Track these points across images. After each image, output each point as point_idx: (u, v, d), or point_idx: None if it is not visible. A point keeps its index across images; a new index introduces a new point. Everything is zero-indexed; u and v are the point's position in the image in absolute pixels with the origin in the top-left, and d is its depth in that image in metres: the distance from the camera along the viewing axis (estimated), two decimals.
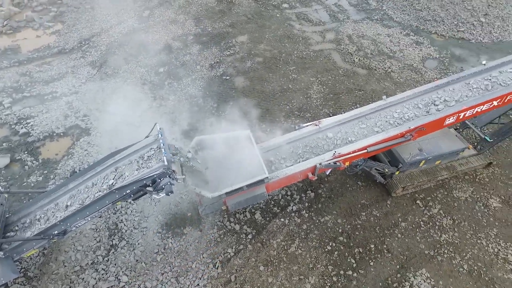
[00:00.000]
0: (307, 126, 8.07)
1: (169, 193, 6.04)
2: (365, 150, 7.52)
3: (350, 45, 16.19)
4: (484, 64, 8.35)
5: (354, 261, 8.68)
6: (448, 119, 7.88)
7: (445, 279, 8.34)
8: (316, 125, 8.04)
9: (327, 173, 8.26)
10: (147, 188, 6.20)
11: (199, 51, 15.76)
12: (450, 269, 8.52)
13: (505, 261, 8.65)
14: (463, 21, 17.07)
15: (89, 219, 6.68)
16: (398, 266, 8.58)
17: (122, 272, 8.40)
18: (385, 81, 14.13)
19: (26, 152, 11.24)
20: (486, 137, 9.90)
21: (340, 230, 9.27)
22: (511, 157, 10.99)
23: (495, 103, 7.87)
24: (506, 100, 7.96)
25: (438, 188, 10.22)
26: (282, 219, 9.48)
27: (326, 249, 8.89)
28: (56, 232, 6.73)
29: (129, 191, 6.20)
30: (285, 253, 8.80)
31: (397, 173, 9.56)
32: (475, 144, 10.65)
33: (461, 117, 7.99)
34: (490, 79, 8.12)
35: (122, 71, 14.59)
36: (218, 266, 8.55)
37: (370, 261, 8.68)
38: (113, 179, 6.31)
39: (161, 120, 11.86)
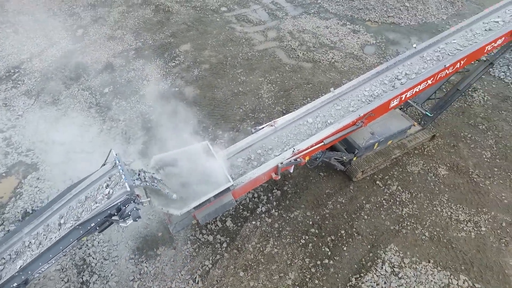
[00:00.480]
0: (263, 127, 8.21)
1: (137, 219, 5.86)
2: (322, 143, 7.83)
3: (293, 41, 16.66)
4: (415, 47, 9.05)
5: (328, 249, 9.02)
6: (392, 102, 8.45)
7: (411, 249, 8.96)
8: (271, 125, 8.21)
9: (291, 171, 8.46)
10: (113, 218, 5.95)
11: (143, 65, 15.30)
12: (414, 239, 9.17)
13: (458, 222, 9.49)
14: (391, 7, 18.30)
15: (53, 261, 6.24)
16: (369, 246, 9.07)
17: None
18: (331, 72, 14.74)
19: None
20: (427, 113, 10.76)
21: (310, 222, 9.58)
22: (450, 128, 12.04)
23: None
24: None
25: (393, 166, 10.92)
26: (253, 222, 9.58)
27: (301, 243, 9.13)
28: (15, 284, 6.18)
29: (93, 224, 5.90)
30: (262, 255, 8.92)
31: (354, 159, 10.07)
32: (419, 120, 11.52)
33: (403, 98, 8.60)
34: (439, 51, 8.93)
35: (64, 97, 13.76)
36: (198, 281, 8.45)
37: (343, 246, 9.07)
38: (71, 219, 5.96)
39: (114, 143, 11.42)
